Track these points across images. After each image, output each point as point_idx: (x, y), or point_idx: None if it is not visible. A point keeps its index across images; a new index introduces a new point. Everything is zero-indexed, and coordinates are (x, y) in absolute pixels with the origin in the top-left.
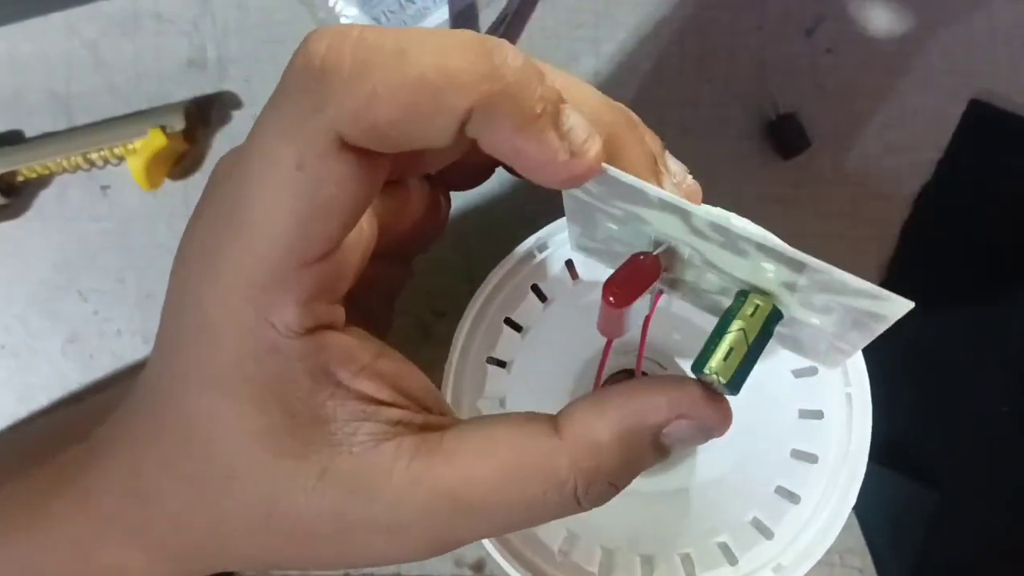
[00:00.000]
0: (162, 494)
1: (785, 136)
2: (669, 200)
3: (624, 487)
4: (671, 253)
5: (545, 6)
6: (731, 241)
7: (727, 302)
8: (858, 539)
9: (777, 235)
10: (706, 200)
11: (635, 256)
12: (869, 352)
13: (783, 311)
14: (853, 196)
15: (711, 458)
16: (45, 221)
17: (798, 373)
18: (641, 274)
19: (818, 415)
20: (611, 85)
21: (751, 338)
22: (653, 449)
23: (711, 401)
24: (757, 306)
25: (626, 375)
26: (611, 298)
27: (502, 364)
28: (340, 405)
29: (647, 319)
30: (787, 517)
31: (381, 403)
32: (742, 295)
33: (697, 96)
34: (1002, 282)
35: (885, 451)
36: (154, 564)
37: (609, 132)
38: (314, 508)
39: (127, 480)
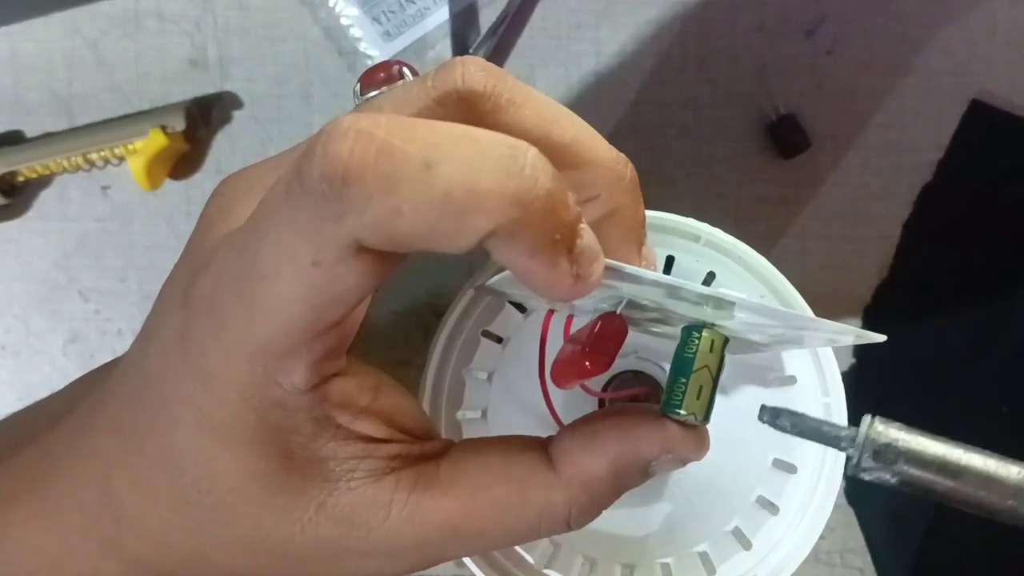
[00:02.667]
0: (143, 518)
1: (785, 136)
2: (668, 283)
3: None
4: (631, 304)
5: (545, 6)
6: (712, 300)
7: (668, 329)
8: (858, 539)
9: (778, 236)
10: (706, 201)
11: (603, 317)
12: (869, 352)
13: (731, 336)
14: (853, 196)
15: (693, 468)
16: (46, 221)
17: (781, 382)
18: (613, 337)
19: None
20: (611, 86)
21: (714, 372)
22: (640, 476)
23: (695, 435)
24: (712, 341)
25: (632, 376)
26: (588, 364)
27: (485, 376)
28: (340, 446)
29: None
30: (766, 527)
31: (379, 441)
32: (693, 331)
33: (698, 97)
34: (1002, 282)
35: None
36: (129, 574)
37: (615, 203)
38: (309, 537)
39: (99, 497)
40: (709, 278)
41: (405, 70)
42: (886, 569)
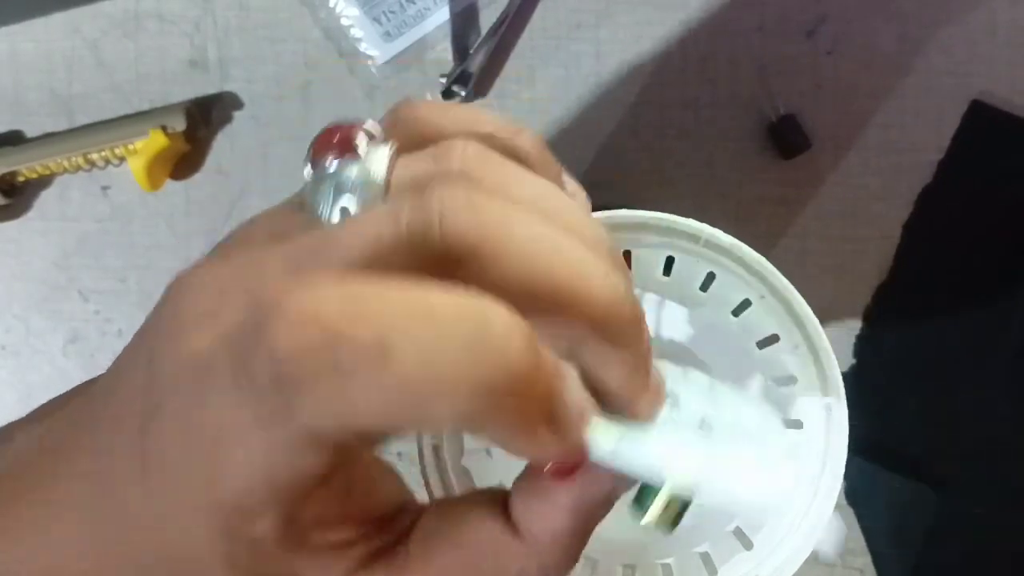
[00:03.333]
0: None
1: (786, 137)
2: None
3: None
4: None
5: (545, 6)
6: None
7: None
8: (858, 539)
9: (778, 236)
10: (706, 201)
11: None
12: (869, 352)
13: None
14: (853, 196)
15: None
16: (46, 221)
17: (780, 382)
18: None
19: (798, 425)
20: (612, 86)
21: (688, 496)
22: (605, 509)
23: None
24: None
25: None
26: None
27: None
28: (309, 560)
29: None
30: (767, 528)
31: (352, 543)
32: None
33: (698, 97)
34: (1002, 282)
35: (885, 452)
36: None
37: (614, 346)
38: None
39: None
40: (709, 279)
41: (361, 136)
42: (886, 569)
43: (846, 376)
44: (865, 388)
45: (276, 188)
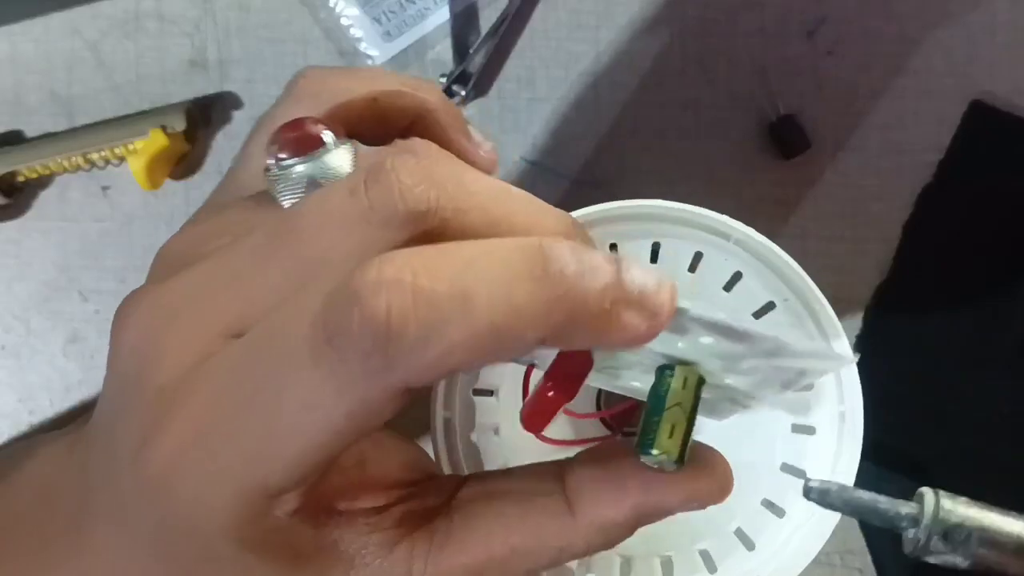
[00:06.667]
0: None
1: (786, 137)
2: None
3: None
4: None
5: (545, 6)
6: (679, 324)
7: (639, 381)
8: (858, 539)
9: (778, 236)
10: (706, 201)
11: (561, 352)
12: (869, 353)
13: (706, 377)
14: (854, 197)
15: None
16: (46, 221)
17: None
18: (575, 362)
19: (810, 431)
20: (611, 86)
21: (687, 410)
22: (662, 516)
23: (719, 482)
24: (686, 378)
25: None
26: (551, 393)
27: (490, 393)
28: (344, 530)
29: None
30: (771, 530)
31: (384, 509)
32: (667, 369)
33: (698, 97)
34: (1003, 282)
35: (885, 451)
36: None
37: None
38: None
39: None
40: (735, 279)
41: (326, 134)
42: (886, 570)
43: None
44: (865, 388)
45: None
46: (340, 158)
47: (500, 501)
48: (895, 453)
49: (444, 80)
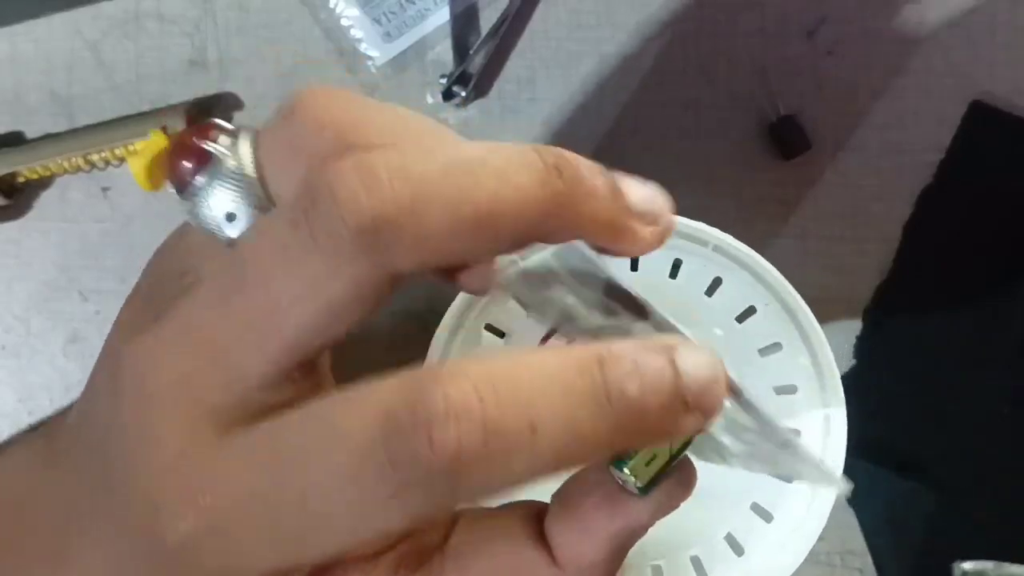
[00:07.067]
0: None
1: (786, 137)
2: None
3: None
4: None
5: (545, 6)
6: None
7: None
8: (858, 539)
9: (778, 236)
10: (706, 201)
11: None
12: (870, 353)
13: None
14: (854, 197)
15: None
16: (46, 222)
17: (779, 390)
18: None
19: (796, 434)
20: (612, 87)
21: (673, 451)
22: (639, 537)
23: (681, 484)
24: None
25: None
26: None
27: None
28: (350, 569)
29: None
30: (759, 535)
31: (376, 556)
32: None
33: (698, 97)
34: (1002, 282)
35: (885, 452)
36: None
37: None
38: None
39: None
40: (715, 284)
41: (217, 135)
42: (886, 570)
43: (846, 376)
44: (865, 388)
45: None
46: (240, 156)
47: (489, 546)
48: (895, 452)
49: (444, 80)
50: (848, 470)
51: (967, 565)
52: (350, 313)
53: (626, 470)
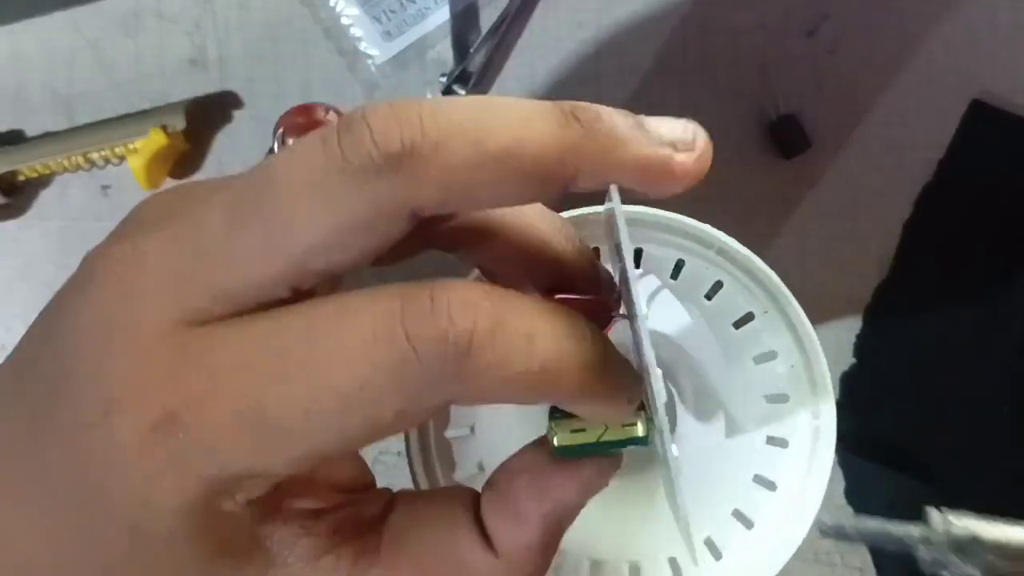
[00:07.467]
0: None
1: (786, 136)
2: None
3: None
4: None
5: (545, 6)
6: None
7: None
8: None
9: (778, 235)
10: (706, 200)
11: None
12: (870, 352)
13: (647, 442)
14: (854, 195)
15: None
16: (46, 220)
17: (770, 399)
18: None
19: (783, 443)
20: (612, 86)
21: (603, 438)
22: (572, 518)
23: (612, 466)
24: (634, 424)
25: None
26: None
27: None
28: (279, 528)
29: None
30: (739, 540)
31: (319, 513)
32: (644, 411)
33: (699, 96)
34: (1002, 281)
35: (885, 450)
36: None
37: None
38: None
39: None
40: (716, 287)
41: (331, 115)
42: (886, 569)
43: (846, 375)
44: (865, 387)
45: None
46: None
47: (427, 530)
48: (895, 452)
49: (444, 79)
50: (848, 468)
51: (826, 517)
52: (361, 239)
53: (551, 423)
